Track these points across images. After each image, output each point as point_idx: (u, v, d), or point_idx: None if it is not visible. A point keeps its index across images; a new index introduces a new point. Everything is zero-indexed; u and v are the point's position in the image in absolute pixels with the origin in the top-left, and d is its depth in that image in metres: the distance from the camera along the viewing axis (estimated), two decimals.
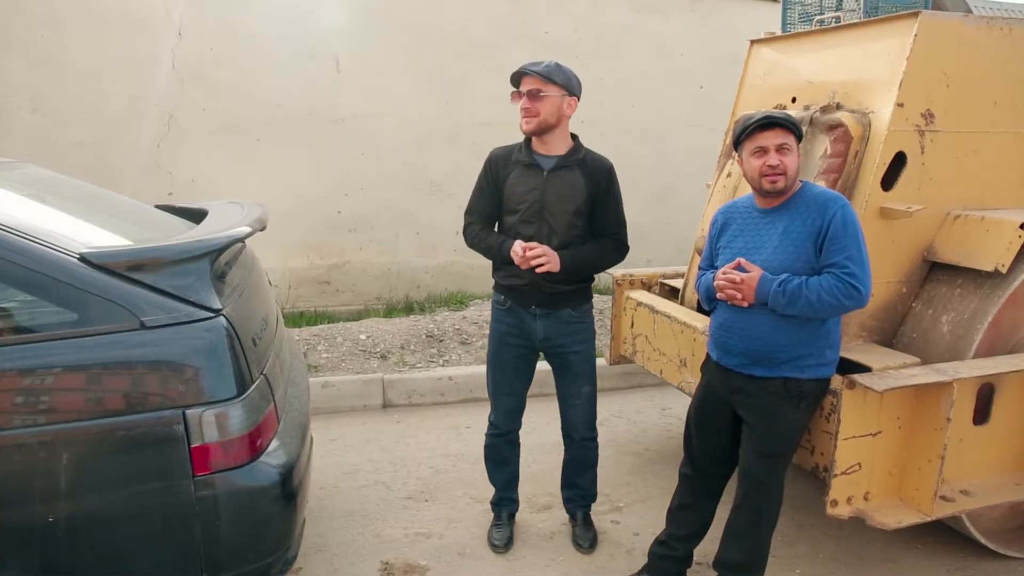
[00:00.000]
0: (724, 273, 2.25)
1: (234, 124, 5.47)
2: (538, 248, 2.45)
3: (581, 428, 2.78)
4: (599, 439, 2.88)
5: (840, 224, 2.15)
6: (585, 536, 2.86)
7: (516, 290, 2.62)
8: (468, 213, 2.73)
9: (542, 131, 2.51)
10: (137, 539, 1.77)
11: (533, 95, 2.46)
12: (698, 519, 2.55)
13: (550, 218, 2.53)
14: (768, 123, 2.19)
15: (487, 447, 2.91)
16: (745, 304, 2.21)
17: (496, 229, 2.70)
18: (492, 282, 2.76)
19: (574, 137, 2.63)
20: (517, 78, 2.52)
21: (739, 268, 2.24)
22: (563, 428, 2.84)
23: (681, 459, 2.59)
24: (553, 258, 2.46)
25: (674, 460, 2.73)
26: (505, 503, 2.96)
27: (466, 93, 5.82)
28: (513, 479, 2.94)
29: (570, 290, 2.60)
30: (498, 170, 2.62)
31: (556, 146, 2.57)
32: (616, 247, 2.65)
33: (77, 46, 5.18)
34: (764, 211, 2.30)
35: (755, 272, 2.19)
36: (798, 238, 2.20)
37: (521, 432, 2.96)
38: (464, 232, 2.73)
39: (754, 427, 2.30)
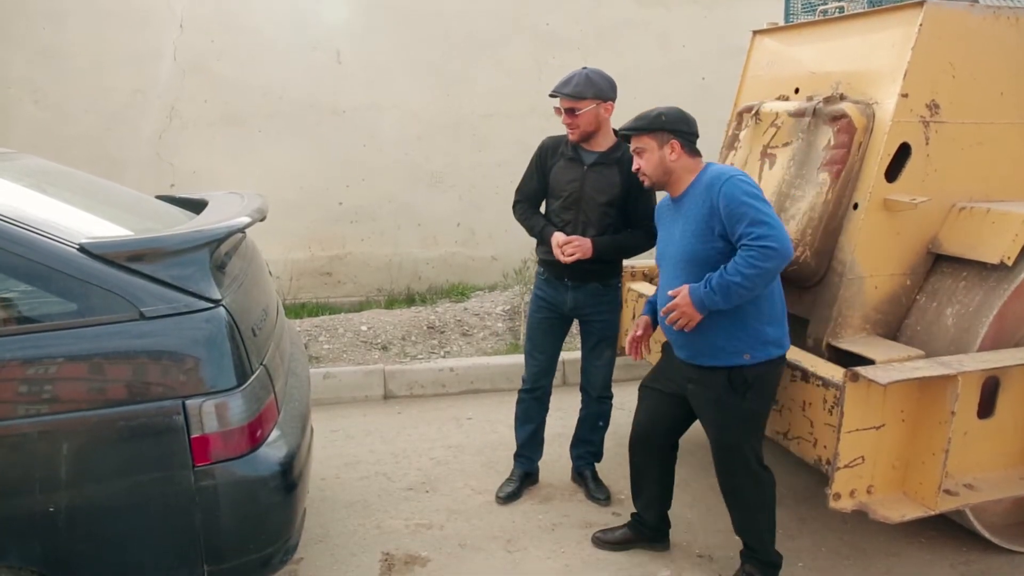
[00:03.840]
0: (663, 312, 2.33)
1: (236, 116, 5.46)
2: (572, 243, 2.73)
3: (599, 387, 3.06)
4: None
5: (728, 197, 2.17)
6: (600, 490, 3.11)
7: (552, 264, 2.88)
8: (518, 191, 3.01)
9: (586, 138, 2.79)
10: (137, 529, 1.77)
11: (570, 113, 2.72)
12: (653, 485, 2.66)
13: (586, 208, 2.80)
14: (624, 136, 2.41)
15: (517, 403, 3.18)
16: (696, 322, 2.25)
17: (543, 208, 3.01)
18: (492, 274, 2.87)
19: (617, 133, 2.80)
20: (555, 95, 2.76)
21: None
22: (583, 385, 3.13)
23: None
24: (585, 245, 2.73)
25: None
26: (521, 459, 3.20)
27: (467, 85, 5.80)
28: (532, 438, 3.16)
29: (598, 267, 2.85)
30: (546, 159, 2.91)
31: (598, 143, 2.81)
32: (646, 236, 2.81)
33: (79, 39, 5.17)
34: (674, 202, 2.40)
35: (682, 290, 2.26)
36: (695, 222, 2.26)
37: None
38: (513, 208, 3.03)
39: (707, 421, 2.42)
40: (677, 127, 2.30)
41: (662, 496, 2.69)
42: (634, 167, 2.40)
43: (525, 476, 3.19)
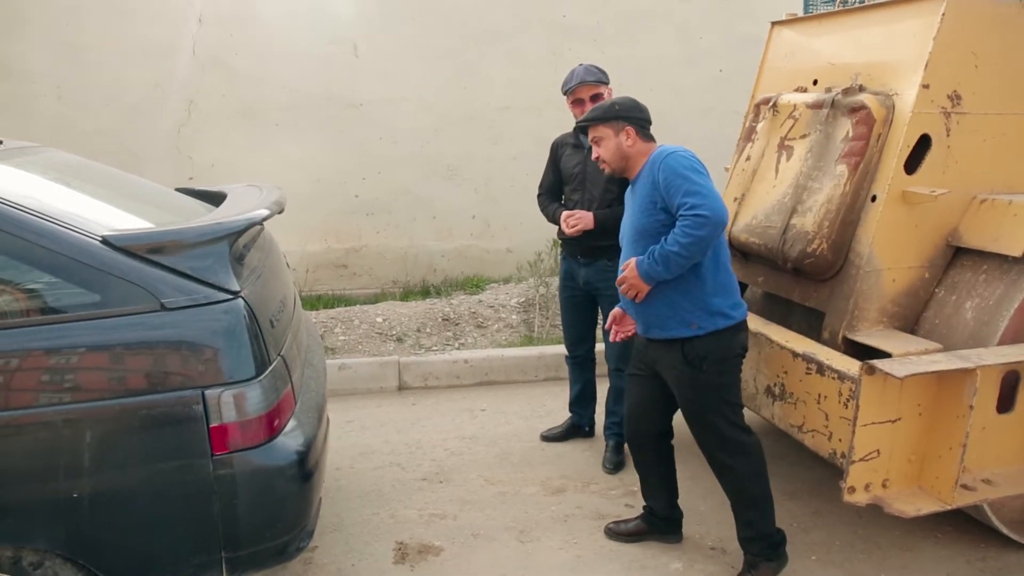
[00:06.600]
0: (617, 284, 2.46)
1: (253, 109, 5.50)
2: (575, 215, 3.07)
3: (613, 358, 3.24)
4: None
5: (667, 173, 2.28)
6: (612, 460, 3.28)
7: (568, 243, 3.25)
8: (539, 186, 3.40)
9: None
10: (157, 516, 1.80)
11: (597, 98, 3.02)
12: (654, 475, 2.68)
13: (591, 186, 3.12)
14: (582, 127, 2.55)
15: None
16: (644, 292, 2.35)
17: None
18: (507, 266, 2.97)
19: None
20: (572, 89, 3.12)
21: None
22: (605, 357, 3.33)
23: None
24: (586, 217, 3.05)
25: (687, 445, 2.73)
26: (572, 413, 3.58)
27: (483, 78, 5.79)
28: (579, 397, 3.54)
29: (606, 244, 3.02)
30: (556, 151, 3.31)
31: None
32: None
33: (99, 33, 5.23)
34: (631, 184, 2.52)
35: (630, 263, 2.36)
36: (643, 199, 2.38)
37: (535, 419, 3.69)
38: (537, 201, 3.40)
39: (677, 396, 2.47)
40: (630, 114, 2.44)
41: (666, 483, 2.69)
42: (593, 156, 2.52)
43: (572, 427, 3.55)
